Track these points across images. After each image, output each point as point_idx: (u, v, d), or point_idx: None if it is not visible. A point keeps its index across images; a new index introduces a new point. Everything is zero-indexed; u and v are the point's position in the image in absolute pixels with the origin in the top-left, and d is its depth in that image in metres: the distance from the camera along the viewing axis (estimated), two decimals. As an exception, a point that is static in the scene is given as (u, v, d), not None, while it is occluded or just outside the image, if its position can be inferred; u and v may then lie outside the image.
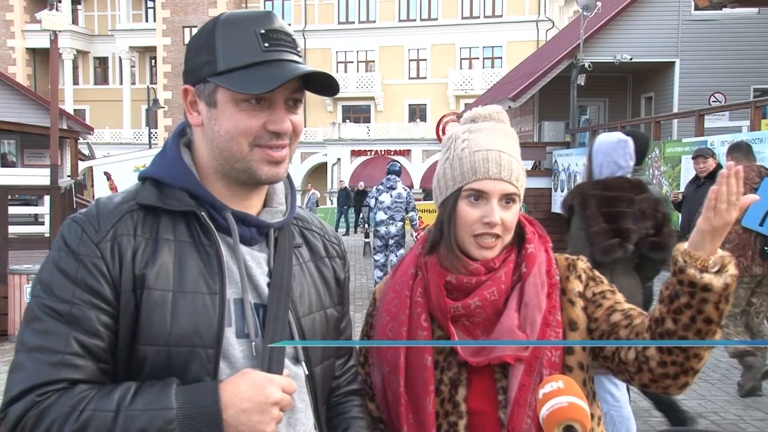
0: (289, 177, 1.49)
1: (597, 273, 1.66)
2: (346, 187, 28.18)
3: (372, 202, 11.46)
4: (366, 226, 11.72)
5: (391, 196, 11.18)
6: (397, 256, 11.17)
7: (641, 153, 4.77)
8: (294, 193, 1.52)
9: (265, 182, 1.38)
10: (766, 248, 5.98)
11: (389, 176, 11.45)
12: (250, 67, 1.30)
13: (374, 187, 12.02)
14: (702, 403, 6.03)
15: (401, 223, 11.20)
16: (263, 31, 1.32)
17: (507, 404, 1.51)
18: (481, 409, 1.55)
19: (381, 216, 11.14)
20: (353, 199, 25.84)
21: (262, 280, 1.39)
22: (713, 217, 1.36)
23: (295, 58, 1.34)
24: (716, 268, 1.38)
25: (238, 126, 1.32)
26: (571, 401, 1.25)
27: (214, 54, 1.32)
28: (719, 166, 8.22)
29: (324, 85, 1.37)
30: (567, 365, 1.56)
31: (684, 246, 1.42)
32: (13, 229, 11.22)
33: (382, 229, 11.21)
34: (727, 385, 6.52)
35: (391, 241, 11.21)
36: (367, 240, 13.51)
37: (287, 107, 1.35)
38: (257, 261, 1.40)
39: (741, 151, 6.47)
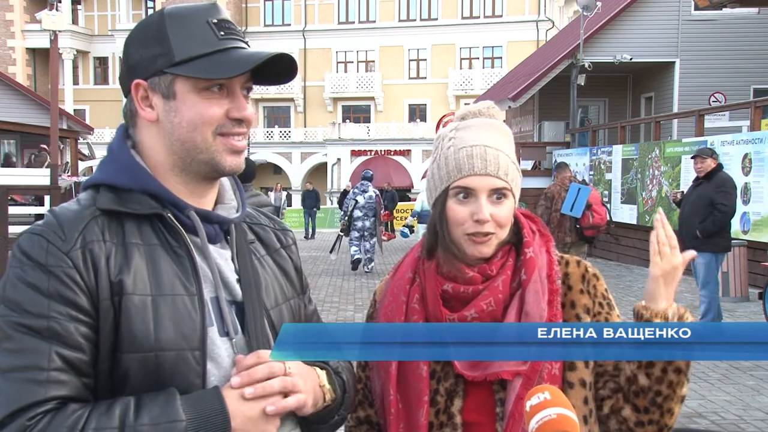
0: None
1: (610, 295, 1.62)
2: (314, 189, 27.13)
3: (351, 203, 14.37)
4: (344, 221, 14.84)
5: (364, 197, 14.24)
6: (370, 243, 14.39)
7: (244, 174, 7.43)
8: (241, 189, 1.50)
9: (228, 173, 1.37)
10: (577, 225, 9.33)
11: (362, 182, 14.62)
12: (209, 55, 1.29)
13: (351, 190, 15.17)
14: (702, 403, 6.03)
15: (373, 219, 14.30)
16: (215, 21, 1.32)
17: (504, 417, 1.48)
18: (476, 421, 1.51)
19: (357, 213, 14.22)
20: (339, 198, 25.55)
21: (231, 276, 1.38)
22: (660, 261, 1.43)
23: (245, 46, 1.35)
24: (676, 319, 1.43)
25: (203, 114, 1.30)
26: (559, 413, 1.20)
27: (167, 45, 1.30)
28: (720, 166, 8.20)
29: (279, 72, 1.37)
30: (568, 381, 1.51)
31: (641, 302, 1.47)
32: (13, 230, 11.22)
33: (359, 224, 14.20)
34: (727, 385, 6.52)
35: (365, 233, 14.29)
36: (340, 234, 15.26)
37: (243, 96, 1.35)
38: (224, 258, 1.39)
39: (561, 166, 10.46)
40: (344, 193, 24.80)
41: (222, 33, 1.31)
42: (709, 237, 7.84)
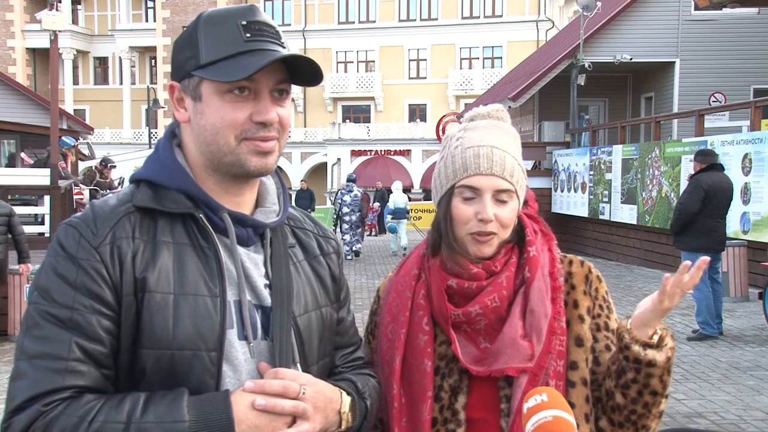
0: (280, 177, 1.48)
1: (610, 298, 1.63)
2: (308, 188, 26.62)
3: (338, 203, 17.57)
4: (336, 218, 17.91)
5: (350, 196, 17.31)
6: (357, 234, 17.40)
7: None
8: (286, 193, 1.50)
9: (254, 174, 1.35)
10: None
11: (348, 183, 17.73)
12: (233, 57, 1.28)
13: (339, 191, 18.73)
14: (702, 403, 6.03)
15: (359, 213, 17.47)
16: (245, 23, 1.30)
17: (510, 413, 1.49)
18: (480, 417, 1.52)
19: (345, 210, 17.35)
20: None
21: (260, 281, 1.37)
22: (667, 301, 1.43)
23: (278, 48, 1.31)
24: (655, 343, 1.45)
25: (224, 119, 1.30)
26: (555, 415, 1.23)
27: (197, 48, 1.31)
28: (712, 167, 8.18)
29: (308, 74, 1.35)
30: (570, 380, 1.53)
31: (627, 323, 1.47)
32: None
33: (347, 218, 17.24)
34: (727, 385, 6.52)
35: (353, 225, 17.20)
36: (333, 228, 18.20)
37: (273, 98, 1.33)
38: (254, 262, 1.38)
39: None
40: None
41: (248, 35, 1.29)
42: (676, 235, 8.29)
